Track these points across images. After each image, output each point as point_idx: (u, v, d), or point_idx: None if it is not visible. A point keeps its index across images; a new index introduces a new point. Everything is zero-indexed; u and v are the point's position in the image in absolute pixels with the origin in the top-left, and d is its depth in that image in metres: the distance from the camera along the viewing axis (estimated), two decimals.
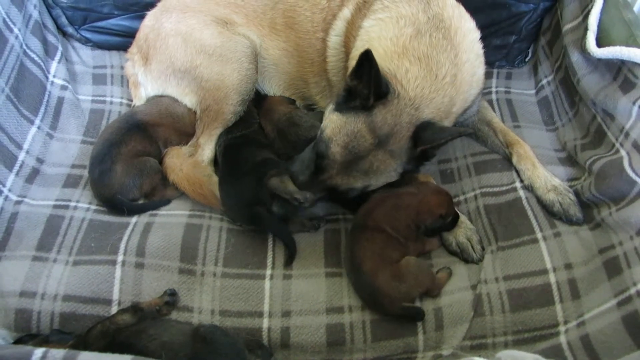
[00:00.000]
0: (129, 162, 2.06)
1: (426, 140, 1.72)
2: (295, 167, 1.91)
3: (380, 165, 1.76)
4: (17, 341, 1.66)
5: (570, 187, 1.99)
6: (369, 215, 1.85)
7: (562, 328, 1.65)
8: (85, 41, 2.68)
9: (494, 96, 2.56)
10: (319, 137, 1.83)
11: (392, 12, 1.93)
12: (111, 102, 2.50)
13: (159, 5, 2.40)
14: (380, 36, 1.90)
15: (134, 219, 2.00)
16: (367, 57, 1.59)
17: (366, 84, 1.68)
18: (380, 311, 1.74)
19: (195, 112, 2.30)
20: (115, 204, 2.02)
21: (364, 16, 2.02)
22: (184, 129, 2.28)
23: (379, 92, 1.69)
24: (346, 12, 2.14)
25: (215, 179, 2.12)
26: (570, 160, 2.14)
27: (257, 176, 1.90)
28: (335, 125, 1.77)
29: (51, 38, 2.47)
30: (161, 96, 2.33)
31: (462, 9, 1.98)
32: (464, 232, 1.93)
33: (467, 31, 1.92)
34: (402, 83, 1.75)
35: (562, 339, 1.62)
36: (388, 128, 1.72)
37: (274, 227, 1.94)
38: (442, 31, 1.84)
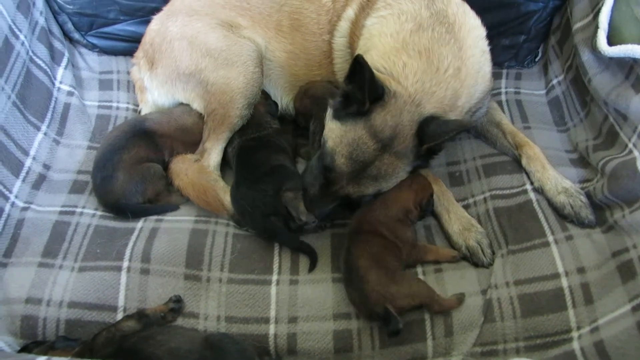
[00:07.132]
0: (131, 168, 2.04)
1: (431, 136, 1.68)
2: (306, 177, 1.91)
3: (388, 169, 1.74)
4: (23, 348, 1.66)
5: (583, 188, 1.96)
6: (364, 219, 1.83)
7: (575, 334, 1.61)
8: (92, 47, 2.69)
9: (503, 97, 2.52)
10: (322, 149, 1.82)
11: (394, 9, 1.92)
12: (117, 108, 2.50)
13: (165, 9, 2.40)
14: (381, 32, 1.89)
15: (139, 225, 1.99)
16: (358, 62, 1.57)
17: (360, 88, 1.65)
18: (366, 309, 1.68)
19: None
20: (119, 209, 2.01)
21: (367, 15, 2.01)
22: (191, 140, 2.25)
23: (374, 95, 1.66)
24: (350, 13, 2.13)
25: (221, 184, 2.10)
26: (582, 161, 2.10)
27: (273, 186, 1.89)
28: (335, 135, 1.75)
29: (57, 44, 2.48)
30: (174, 108, 2.32)
31: (467, 6, 1.96)
32: (474, 235, 1.90)
33: (471, 27, 1.90)
34: (399, 80, 1.72)
35: (575, 345, 1.58)
36: (390, 130, 1.69)
37: (288, 240, 1.92)
38: (446, 26, 1.82)
